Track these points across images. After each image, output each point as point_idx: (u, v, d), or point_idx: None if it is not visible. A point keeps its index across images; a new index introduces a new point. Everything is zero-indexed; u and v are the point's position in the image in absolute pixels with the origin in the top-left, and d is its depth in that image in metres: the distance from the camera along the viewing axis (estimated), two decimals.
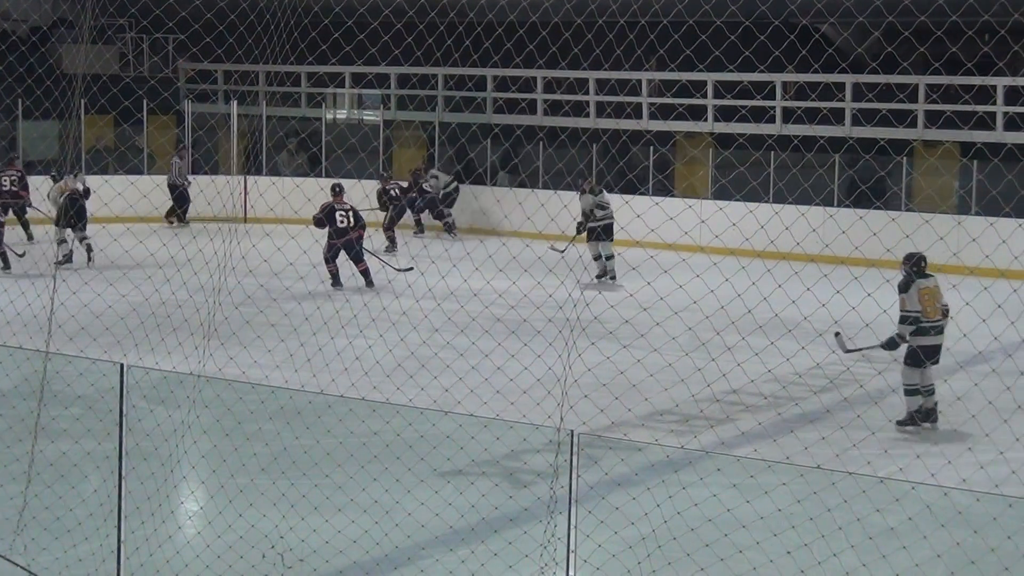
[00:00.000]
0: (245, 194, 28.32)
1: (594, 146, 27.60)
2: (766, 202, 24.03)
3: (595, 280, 21.95)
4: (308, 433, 12.46)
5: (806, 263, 15.40)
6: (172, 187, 28.42)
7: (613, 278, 22.14)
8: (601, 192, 22.61)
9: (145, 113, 29.07)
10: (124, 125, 29.38)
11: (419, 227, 28.09)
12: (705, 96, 26.73)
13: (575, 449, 7.88)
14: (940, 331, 13.74)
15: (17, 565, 9.60)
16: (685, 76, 25.48)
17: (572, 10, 16.68)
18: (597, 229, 22.31)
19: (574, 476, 7.88)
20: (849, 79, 25.41)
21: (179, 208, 28.32)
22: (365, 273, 21.48)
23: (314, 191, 22.64)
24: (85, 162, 29.53)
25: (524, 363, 12.85)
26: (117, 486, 8.95)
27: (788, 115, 26.23)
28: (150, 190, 22.43)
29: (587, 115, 28.16)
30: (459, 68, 27.61)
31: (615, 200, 22.05)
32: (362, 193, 25.16)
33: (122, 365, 8.93)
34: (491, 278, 15.07)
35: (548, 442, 11.56)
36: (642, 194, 25.83)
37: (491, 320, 16.39)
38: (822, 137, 25.14)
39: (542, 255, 17.03)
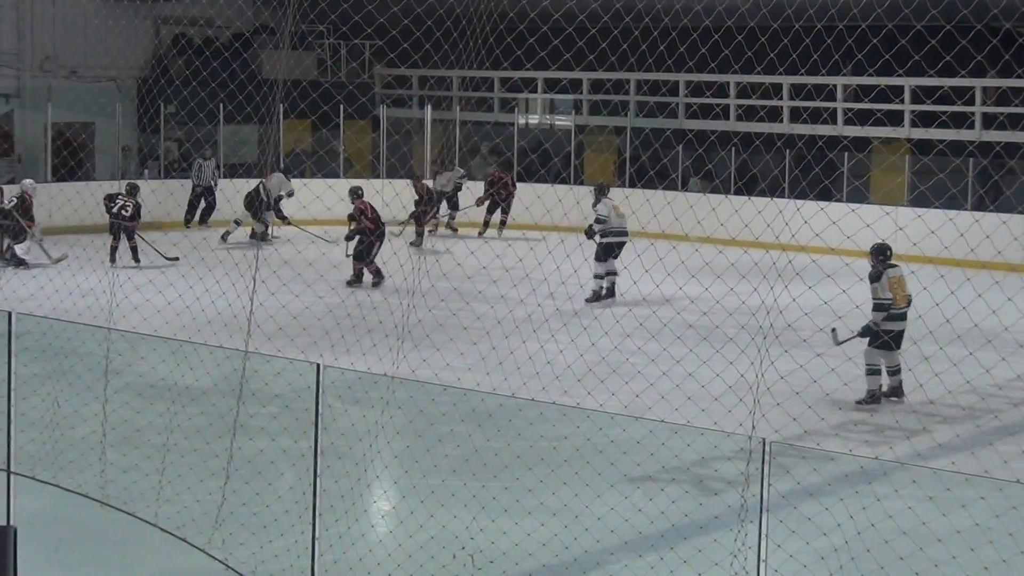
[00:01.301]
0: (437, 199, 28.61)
1: (788, 152, 27.31)
2: (966, 210, 23.51)
3: (587, 303, 19.94)
4: (499, 436, 12.53)
5: (1007, 272, 15.06)
6: (208, 190, 27.79)
7: (612, 295, 20.23)
8: (605, 197, 20.77)
9: (342, 118, 29.56)
10: (322, 129, 29.94)
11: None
12: (903, 102, 26.27)
13: (767, 457, 7.79)
14: (905, 317, 14.61)
15: (215, 559, 9.83)
16: (883, 81, 25.04)
17: (768, 14, 16.52)
18: (613, 245, 20.40)
19: (765, 485, 7.79)
20: None
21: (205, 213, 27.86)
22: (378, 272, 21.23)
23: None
24: (285, 166, 30.14)
25: (716, 370, 12.77)
26: (312, 484, 9.09)
27: (989, 121, 25.63)
28: (347, 193, 22.78)
29: (781, 120, 27.87)
30: (652, 73, 27.48)
31: (808, 208, 21.57)
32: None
33: (318, 365, 9.07)
34: (683, 284, 15.01)
35: (739, 450, 11.48)
36: (837, 201, 25.46)
37: (683, 326, 16.30)
38: None
39: (735, 261, 16.89)
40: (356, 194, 21.87)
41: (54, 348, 14.54)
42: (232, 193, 25.63)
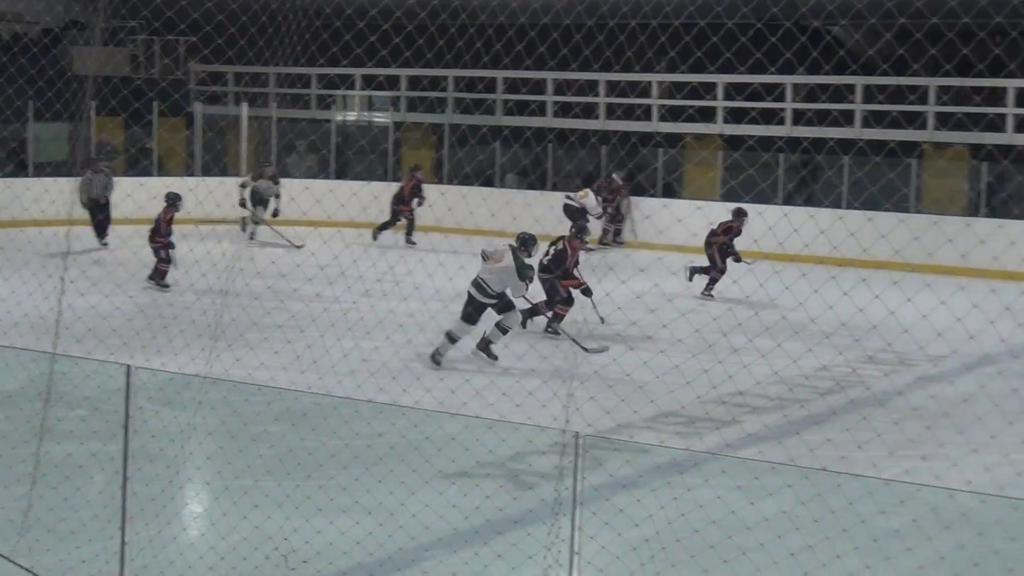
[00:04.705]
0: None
1: (603, 148, 27.60)
2: (775, 204, 23.99)
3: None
4: (313, 435, 12.45)
5: (814, 265, 15.40)
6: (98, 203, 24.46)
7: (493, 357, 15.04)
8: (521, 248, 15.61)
9: (155, 115, 29.10)
10: (134, 127, 29.43)
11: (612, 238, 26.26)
12: (715, 98, 26.72)
13: (579, 451, 7.85)
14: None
15: (21, 567, 9.60)
16: (695, 78, 25.46)
17: (583, 12, 16.66)
18: (470, 297, 14.99)
19: (578, 478, 7.85)
20: (860, 81, 25.38)
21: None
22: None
23: (323, 192, 22.59)
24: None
25: (531, 364, 12.84)
26: (122, 487, 8.93)
27: (798, 117, 26.20)
28: (159, 192, 22.43)
29: (597, 117, 28.16)
30: (469, 70, 27.60)
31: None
32: (370, 195, 25.19)
33: (128, 366, 8.91)
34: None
35: (553, 444, 11.55)
36: (651, 196, 25.81)
37: None
38: (832, 139, 25.12)
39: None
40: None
41: None
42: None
